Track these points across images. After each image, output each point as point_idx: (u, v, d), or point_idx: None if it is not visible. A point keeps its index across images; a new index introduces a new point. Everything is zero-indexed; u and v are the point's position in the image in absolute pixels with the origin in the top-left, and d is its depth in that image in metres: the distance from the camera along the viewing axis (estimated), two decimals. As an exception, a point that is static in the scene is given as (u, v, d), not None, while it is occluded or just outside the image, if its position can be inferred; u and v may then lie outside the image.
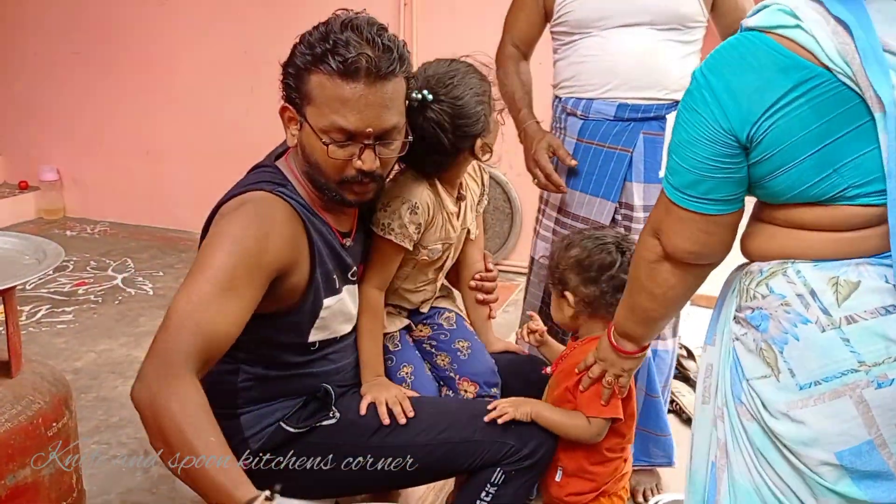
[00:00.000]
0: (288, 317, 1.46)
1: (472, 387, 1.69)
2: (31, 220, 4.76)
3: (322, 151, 1.39)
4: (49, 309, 3.44)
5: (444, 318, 1.80)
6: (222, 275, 1.27)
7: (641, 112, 1.98)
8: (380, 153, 1.41)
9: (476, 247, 1.84)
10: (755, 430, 1.19)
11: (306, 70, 1.37)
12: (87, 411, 2.59)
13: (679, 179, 1.18)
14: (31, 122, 4.83)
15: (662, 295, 1.30)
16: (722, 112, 1.10)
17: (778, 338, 1.15)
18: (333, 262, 1.50)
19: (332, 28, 1.36)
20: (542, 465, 1.55)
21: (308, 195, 1.48)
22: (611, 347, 1.48)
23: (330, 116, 1.36)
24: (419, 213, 1.60)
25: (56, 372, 1.47)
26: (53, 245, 1.47)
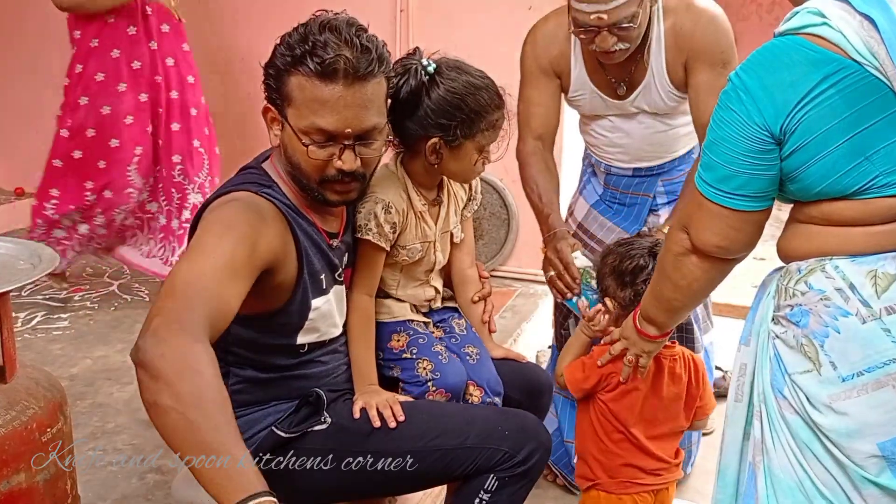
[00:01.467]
0: (276, 318, 1.46)
1: (477, 391, 1.70)
2: (26, 226, 4.75)
3: (302, 152, 1.40)
4: (45, 315, 3.44)
5: (456, 322, 1.82)
6: (223, 255, 1.26)
7: (657, 170, 2.16)
8: (360, 153, 1.42)
9: (464, 251, 1.85)
10: (798, 424, 1.21)
11: (286, 71, 1.39)
12: (82, 417, 2.58)
13: (713, 175, 1.22)
14: (28, 128, 4.82)
15: (686, 286, 1.37)
16: (756, 108, 1.15)
17: (818, 332, 1.19)
18: (321, 261, 1.51)
19: (311, 29, 1.37)
20: (535, 471, 1.55)
21: (294, 195, 1.49)
22: (634, 329, 1.59)
23: (309, 117, 1.38)
24: (393, 212, 1.61)
25: (51, 377, 1.47)
26: (48, 250, 1.47)
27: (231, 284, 1.26)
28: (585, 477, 1.84)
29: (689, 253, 1.32)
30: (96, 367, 2.97)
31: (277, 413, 1.53)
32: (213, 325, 1.19)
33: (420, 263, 1.73)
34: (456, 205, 1.78)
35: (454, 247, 1.82)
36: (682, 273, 1.35)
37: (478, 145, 1.62)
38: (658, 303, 1.47)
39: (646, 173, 2.16)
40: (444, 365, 1.67)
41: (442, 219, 1.74)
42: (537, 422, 1.61)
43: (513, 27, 3.58)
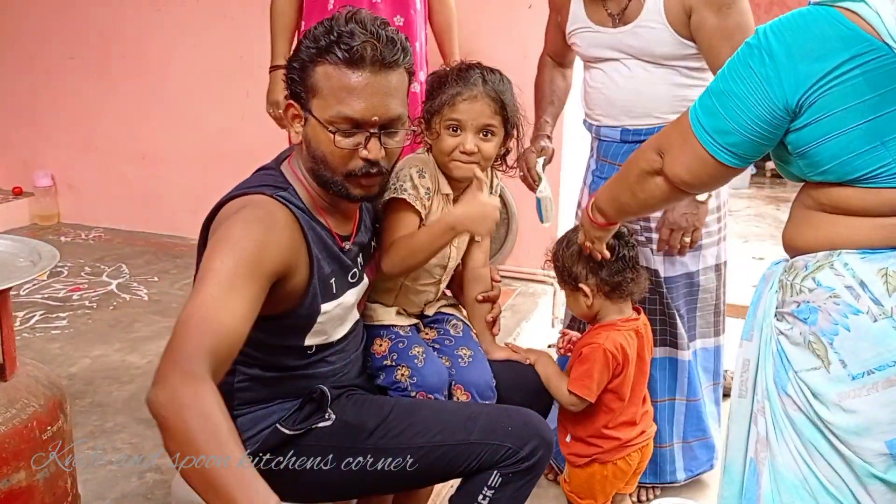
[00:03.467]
0: (284, 320, 1.46)
1: (464, 396, 1.69)
2: (25, 225, 4.74)
3: (328, 142, 1.40)
4: (43, 315, 3.43)
5: (452, 324, 1.80)
6: (223, 276, 1.26)
7: (643, 135, 2.07)
8: (384, 143, 1.43)
9: (480, 249, 1.84)
10: (803, 421, 1.20)
11: (311, 62, 1.40)
12: (81, 417, 2.57)
13: (712, 123, 1.21)
14: (26, 127, 4.81)
15: (644, 200, 1.43)
16: (777, 75, 1.13)
17: (827, 329, 1.17)
18: (332, 266, 1.50)
19: (337, 22, 1.40)
20: (539, 467, 1.54)
21: (310, 198, 1.48)
22: (586, 216, 1.67)
23: (336, 106, 1.39)
24: (427, 177, 1.63)
25: (51, 375, 1.47)
26: (48, 247, 1.46)
27: (235, 302, 1.26)
28: (581, 454, 1.89)
29: (656, 175, 1.35)
30: (95, 367, 2.96)
31: (282, 410, 1.52)
32: (217, 353, 1.21)
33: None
34: None
35: (472, 244, 1.82)
36: (643, 188, 1.40)
37: (445, 122, 1.62)
38: (612, 201, 1.54)
39: (633, 137, 2.09)
40: (419, 368, 1.66)
41: None
42: (540, 419, 1.60)
43: (513, 26, 3.59)
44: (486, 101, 1.62)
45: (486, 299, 1.85)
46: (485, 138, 1.64)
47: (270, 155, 1.62)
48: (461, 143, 1.62)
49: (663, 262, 2.15)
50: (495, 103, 1.63)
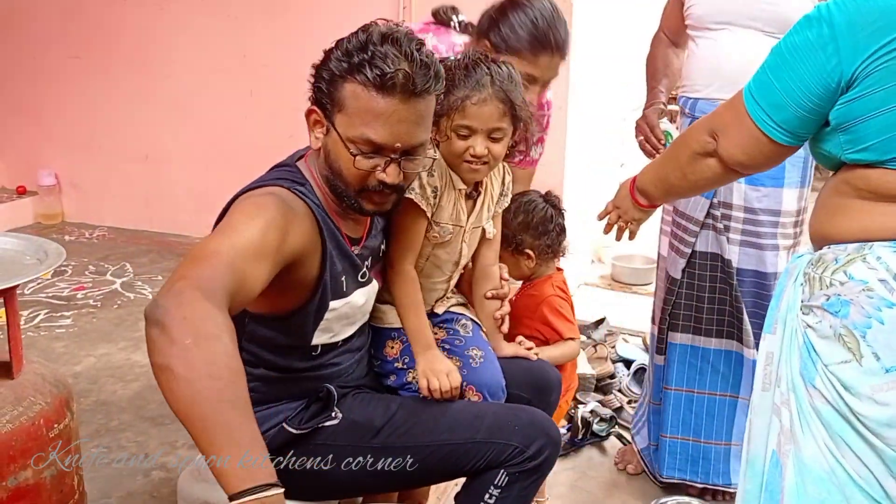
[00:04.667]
0: (293, 317, 1.45)
1: (476, 397, 1.68)
2: (29, 224, 4.75)
3: (347, 160, 1.39)
4: (48, 313, 3.43)
5: (461, 324, 1.80)
6: (252, 238, 1.23)
7: None
8: (404, 168, 1.42)
9: (491, 248, 1.84)
10: (831, 413, 1.19)
11: (341, 77, 1.36)
12: (86, 415, 2.57)
13: (767, 99, 1.22)
14: (30, 126, 4.82)
15: (694, 181, 1.44)
16: (835, 46, 1.13)
17: (860, 322, 1.16)
18: (343, 264, 1.50)
19: (372, 38, 1.35)
20: (546, 466, 1.54)
21: (324, 198, 1.48)
22: (630, 198, 1.66)
23: (360, 128, 1.36)
24: (436, 175, 1.61)
25: (57, 373, 1.47)
26: (54, 245, 1.46)
27: (257, 265, 1.23)
28: None
29: (709, 156, 1.36)
30: (100, 365, 2.97)
31: (288, 410, 1.52)
32: (235, 299, 1.15)
33: (448, 250, 1.71)
34: (490, 201, 1.77)
35: (483, 242, 1.81)
36: (695, 169, 1.40)
37: (454, 126, 1.60)
38: (660, 183, 1.55)
39: None
40: None
41: (475, 213, 1.73)
42: (547, 417, 1.60)
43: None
44: (495, 103, 1.59)
45: (495, 296, 1.85)
46: (494, 140, 1.62)
47: (274, 153, 1.61)
48: (471, 146, 1.60)
49: (738, 253, 2.11)
50: (504, 104, 1.60)
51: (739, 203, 2.08)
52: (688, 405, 2.24)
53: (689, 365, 2.22)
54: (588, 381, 2.93)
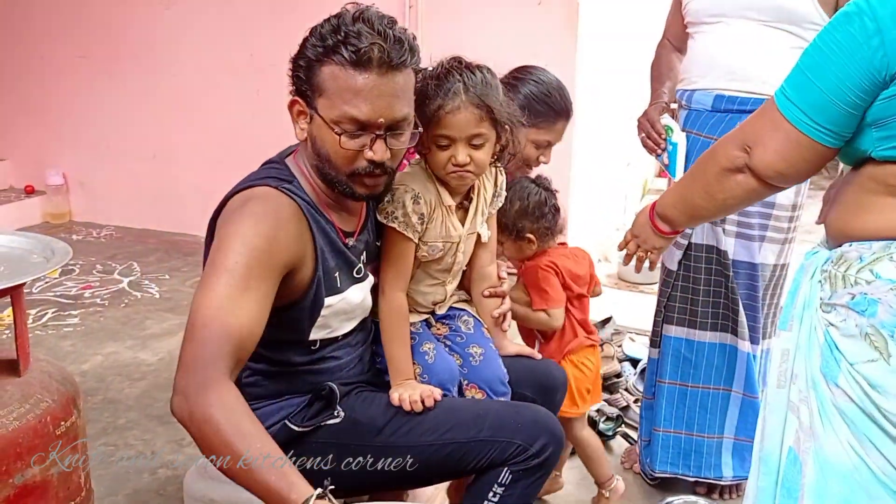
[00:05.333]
0: (288, 313, 1.46)
1: (479, 394, 1.69)
2: (37, 224, 4.78)
3: (333, 142, 1.40)
4: (55, 312, 3.45)
5: (463, 321, 1.80)
6: (238, 276, 1.27)
7: (738, 104, 2.03)
8: (390, 144, 1.42)
9: (487, 250, 1.83)
10: (855, 412, 1.17)
11: (318, 62, 1.38)
12: (93, 413, 2.59)
13: (805, 99, 1.18)
14: (38, 126, 4.84)
15: (722, 201, 1.35)
16: (880, 40, 1.09)
17: (888, 322, 1.14)
18: (336, 260, 1.50)
19: (344, 20, 1.38)
20: (549, 464, 1.54)
21: (314, 192, 1.49)
22: (649, 224, 1.60)
23: (342, 107, 1.38)
24: (421, 203, 1.60)
25: (64, 371, 1.47)
26: (61, 244, 1.47)
27: (250, 303, 1.28)
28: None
29: (739, 172, 1.30)
30: (107, 364, 2.98)
31: (290, 407, 1.53)
32: (234, 357, 1.25)
33: (439, 262, 1.72)
34: (484, 204, 1.77)
35: (479, 245, 1.81)
36: (723, 188, 1.33)
37: (432, 138, 1.59)
38: (683, 206, 1.48)
39: (726, 107, 2.04)
40: (430, 365, 1.66)
41: (469, 221, 1.73)
42: (550, 414, 1.60)
43: (522, 22, 3.58)
44: (470, 110, 1.56)
45: (493, 294, 1.85)
46: (476, 147, 1.60)
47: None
48: (452, 155, 1.58)
49: (734, 245, 2.11)
50: (480, 110, 1.57)
51: None
52: (681, 399, 2.24)
53: (684, 359, 2.22)
54: (594, 381, 2.93)
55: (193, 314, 1.25)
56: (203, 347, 1.22)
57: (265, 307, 1.31)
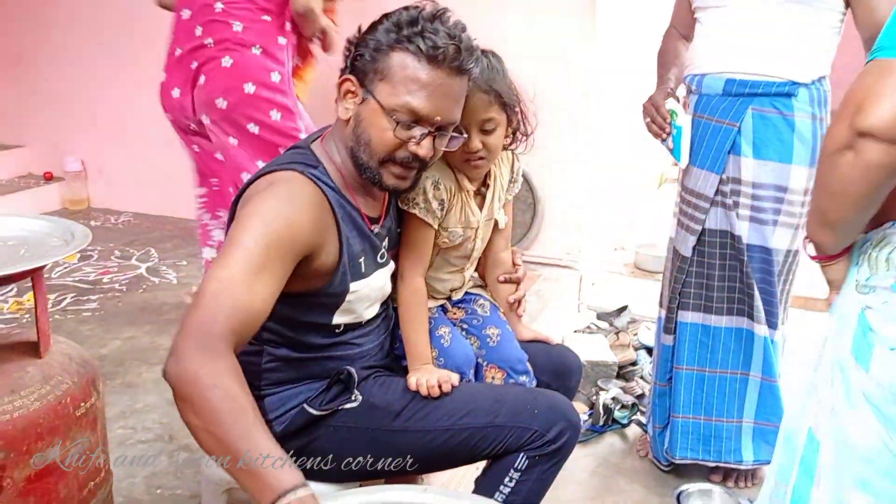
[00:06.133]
0: (313, 298, 1.46)
1: (499, 374, 1.69)
2: (55, 210, 4.81)
3: (382, 129, 1.41)
4: (74, 297, 3.48)
5: (479, 304, 1.80)
6: (254, 256, 1.27)
7: (749, 87, 2.01)
8: (436, 144, 1.44)
9: (503, 235, 1.83)
10: (885, 396, 1.15)
11: (389, 47, 1.39)
12: (112, 397, 2.61)
13: None
14: (56, 113, 4.87)
15: (841, 192, 1.16)
16: None
17: None
18: (361, 245, 1.51)
19: (423, 14, 1.40)
20: (566, 450, 1.54)
21: (340, 177, 1.49)
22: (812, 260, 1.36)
23: (404, 97, 1.38)
24: (442, 189, 1.61)
25: (84, 353, 1.49)
26: (81, 227, 1.48)
27: (262, 284, 1.28)
28: None
29: (845, 149, 1.12)
30: (125, 348, 3.01)
31: (309, 391, 1.53)
32: (240, 333, 1.23)
33: (458, 249, 1.72)
34: (500, 190, 1.77)
35: (495, 232, 1.81)
36: (837, 175, 1.15)
37: None
38: (819, 220, 1.26)
39: (737, 91, 2.02)
40: (447, 348, 1.67)
41: (486, 207, 1.73)
42: (566, 401, 1.60)
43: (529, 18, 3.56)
44: (478, 96, 1.56)
45: (508, 280, 1.85)
46: (487, 132, 1.60)
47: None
48: (464, 143, 1.58)
49: (748, 229, 2.10)
50: (489, 95, 1.57)
51: (748, 178, 2.07)
52: (699, 384, 2.24)
53: (700, 344, 2.22)
54: (610, 369, 2.93)
55: (204, 285, 1.24)
56: (209, 316, 1.20)
57: (276, 290, 1.31)
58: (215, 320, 1.20)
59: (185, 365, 1.15)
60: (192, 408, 1.14)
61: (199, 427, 1.13)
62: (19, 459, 1.27)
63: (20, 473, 1.27)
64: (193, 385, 1.14)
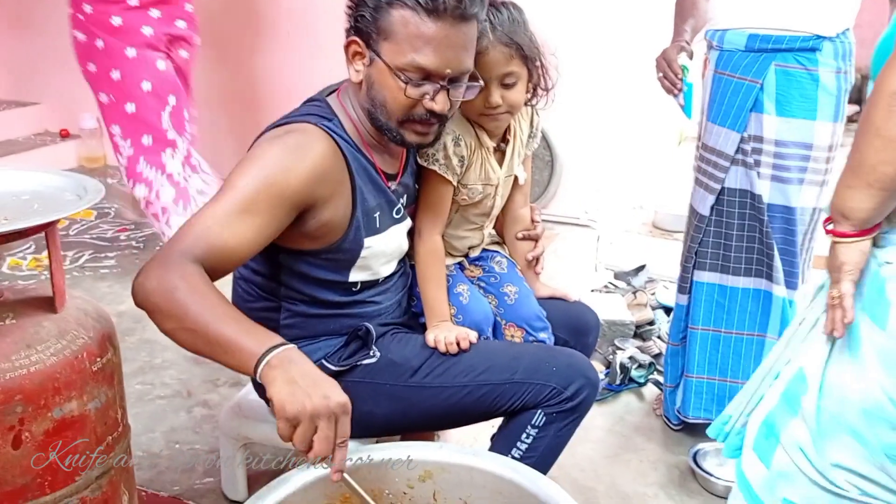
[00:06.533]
0: (327, 254, 1.45)
1: (518, 332, 1.68)
2: (72, 168, 4.81)
3: (392, 89, 1.38)
4: (92, 254, 3.49)
5: (496, 261, 1.79)
6: (241, 197, 1.28)
7: (773, 43, 1.97)
8: (451, 96, 1.40)
9: (521, 192, 1.81)
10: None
11: (388, 4, 1.35)
12: (131, 353, 2.63)
13: None
14: (70, 70, 4.82)
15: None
16: None
17: None
18: (377, 200, 1.49)
19: None
20: (584, 407, 1.53)
21: (356, 132, 1.46)
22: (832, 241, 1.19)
23: (409, 55, 1.35)
24: (462, 145, 1.58)
25: (99, 308, 1.48)
26: (93, 182, 1.46)
27: (243, 227, 1.28)
28: None
29: None
30: (143, 305, 3.01)
31: (328, 347, 1.53)
32: (204, 261, 1.25)
33: (477, 206, 1.69)
34: (520, 146, 1.73)
35: (515, 188, 1.78)
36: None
37: None
38: (856, 176, 1.10)
39: (760, 46, 1.97)
40: (465, 306, 1.66)
41: (506, 163, 1.70)
42: (585, 359, 1.59)
43: None
44: (499, 49, 1.52)
45: (527, 237, 1.83)
46: (508, 87, 1.56)
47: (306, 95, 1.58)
48: (485, 97, 1.55)
49: (769, 189, 2.06)
50: (510, 48, 1.53)
51: (770, 137, 2.02)
52: (714, 344, 2.22)
53: (717, 304, 2.20)
54: (627, 328, 2.91)
55: (190, 217, 1.28)
56: (175, 240, 1.25)
57: (260, 235, 1.31)
58: (179, 241, 1.25)
59: (146, 280, 1.21)
60: (162, 313, 1.19)
61: (175, 329, 1.19)
62: (37, 413, 1.27)
63: (38, 427, 1.27)
64: (158, 292, 1.19)
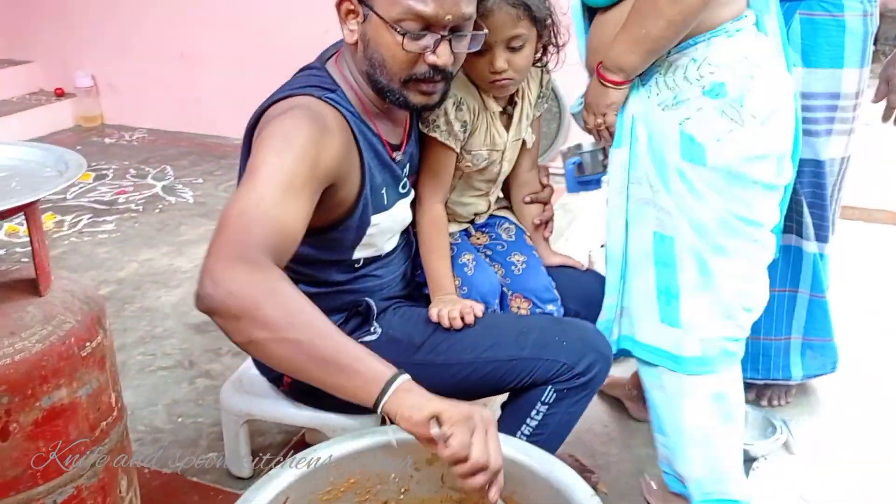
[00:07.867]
0: (333, 233, 1.38)
1: (525, 303, 1.60)
2: (68, 127, 4.72)
3: (392, 45, 1.27)
4: (91, 218, 3.43)
5: (504, 228, 1.71)
6: (282, 174, 1.15)
7: None
8: (454, 47, 1.30)
9: (529, 156, 1.72)
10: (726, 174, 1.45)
11: None
12: (131, 322, 2.58)
13: None
14: (62, 26, 4.72)
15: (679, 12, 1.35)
16: None
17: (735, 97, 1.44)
18: (383, 175, 1.41)
19: None
20: (596, 382, 1.46)
21: (359, 102, 1.37)
22: (599, 83, 1.49)
23: (405, 2, 1.24)
24: (464, 109, 1.49)
25: (87, 288, 1.41)
26: (75, 156, 1.38)
27: (294, 205, 1.16)
28: None
29: None
30: (143, 271, 2.96)
31: (328, 324, 1.46)
32: (277, 250, 1.10)
33: (483, 172, 1.61)
34: (529, 107, 1.63)
35: (523, 152, 1.69)
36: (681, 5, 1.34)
37: None
38: (635, 42, 1.41)
39: None
40: (470, 277, 1.58)
41: (514, 126, 1.60)
42: (597, 331, 1.52)
43: None
44: (505, 10, 1.42)
45: (535, 201, 1.75)
46: (514, 50, 1.46)
47: (310, 52, 1.49)
48: (489, 62, 1.45)
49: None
50: (517, 8, 1.43)
51: (797, 89, 1.92)
52: None
53: None
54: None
55: (228, 207, 1.12)
56: (241, 232, 1.08)
57: (309, 210, 1.19)
58: (249, 233, 1.08)
59: (228, 284, 1.02)
60: (254, 322, 1.01)
61: (268, 340, 1.01)
62: (25, 403, 1.21)
63: (26, 417, 1.22)
64: (248, 298, 1.01)
